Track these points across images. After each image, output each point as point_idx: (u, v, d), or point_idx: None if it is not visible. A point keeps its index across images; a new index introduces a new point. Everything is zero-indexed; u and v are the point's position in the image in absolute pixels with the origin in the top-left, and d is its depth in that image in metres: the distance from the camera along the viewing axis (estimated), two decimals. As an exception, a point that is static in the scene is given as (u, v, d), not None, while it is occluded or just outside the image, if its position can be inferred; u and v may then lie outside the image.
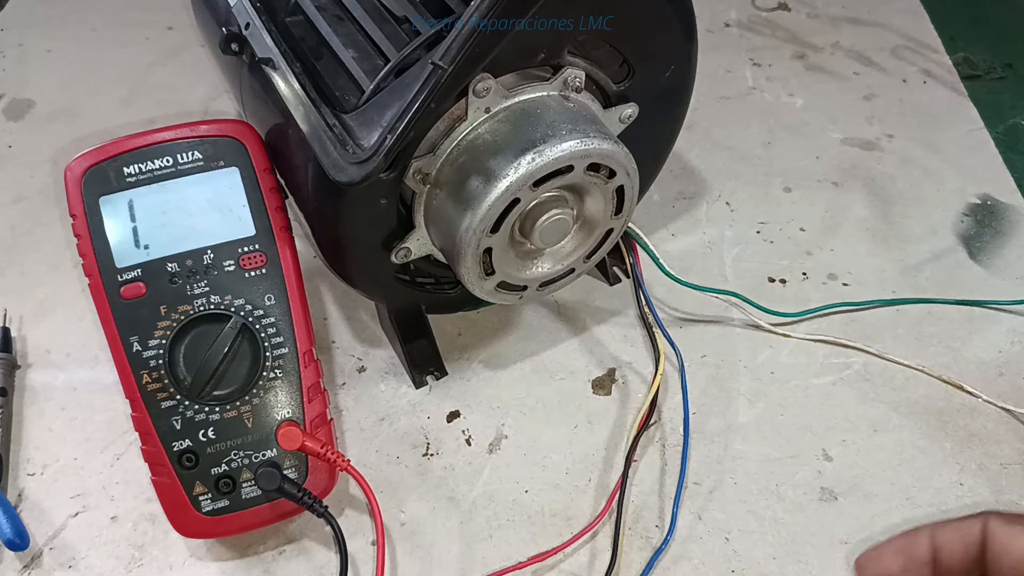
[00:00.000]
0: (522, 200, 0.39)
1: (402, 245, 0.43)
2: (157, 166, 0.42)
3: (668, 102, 0.47)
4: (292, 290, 0.43)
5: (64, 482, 0.47)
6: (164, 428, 0.41)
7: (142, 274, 0.41)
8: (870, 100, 0.71)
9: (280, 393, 0.42)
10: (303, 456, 0.42)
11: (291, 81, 0.41)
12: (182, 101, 0.71)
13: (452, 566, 0.43)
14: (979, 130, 0.68)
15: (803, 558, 0.43)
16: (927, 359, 0.52)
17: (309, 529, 0.45)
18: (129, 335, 0.41)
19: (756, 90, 0.72)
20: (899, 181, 0.64)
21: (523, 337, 0.54)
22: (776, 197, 0.63)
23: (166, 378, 0.41)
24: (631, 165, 0.42)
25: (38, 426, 0.49)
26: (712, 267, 0.58)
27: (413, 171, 0.40)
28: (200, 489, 0.41)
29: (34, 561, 0.43)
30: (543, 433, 0.49)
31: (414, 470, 0.47)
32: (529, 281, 0.45)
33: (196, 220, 0.42)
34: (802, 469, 0.47)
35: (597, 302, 0.56)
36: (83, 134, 0.68)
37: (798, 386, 0.51)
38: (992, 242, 0.59)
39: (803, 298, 0.56)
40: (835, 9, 0.81)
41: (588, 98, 0.42)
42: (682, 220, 0.61)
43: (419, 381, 0.51)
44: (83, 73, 0.73)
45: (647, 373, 0.51)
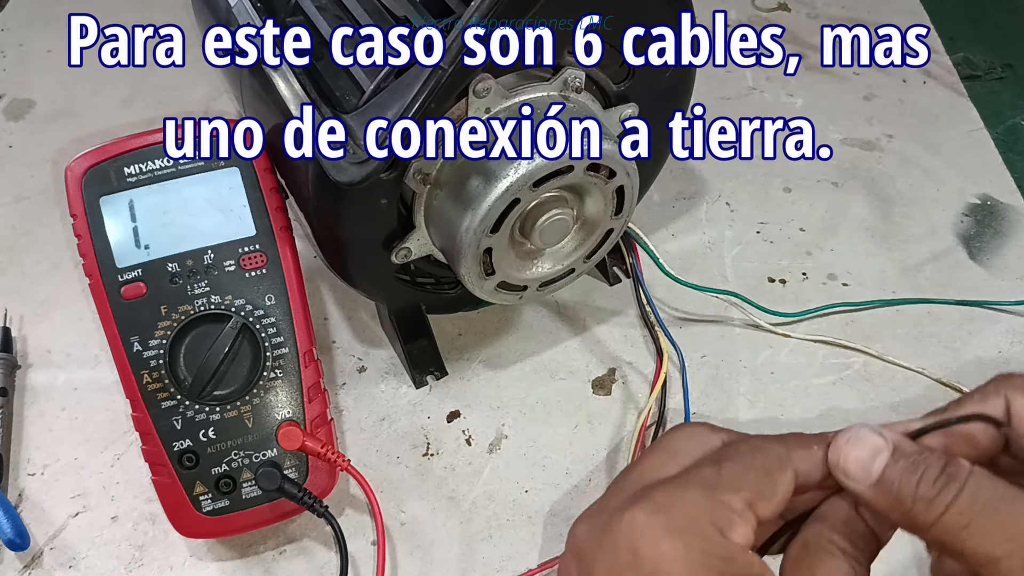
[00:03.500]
0: (522, 200, 0.39)
1: (402, 245, 0.43)
2: (157, 166, 0.42)
3: (668, 102, 0.47)
4: (292, 290, 0.43)
5: (64, 482, 0.47)
6: (164, 428, 0.41)
7: (142, 274, 0.41)
8: (870, 100, 0.71)
9: (280, 393, 0.42)
10: (303, 456, 0.42)
11: (291, 81, 0.41)
12: (182, 101, 0.71)
13: (452, 566, 0.43)
14: (979, 130, 0.68)
15: (803, 558, 0.43)
16: (927, 359, 0.52)
17: (309, 529, 0.45)
18: (129, 335, 0.41)
19: (756, 90, 0.72)
20: (899, 181, 0.64)
21: (523, 337, 0.54)
22: (776, 197, 0.63)
23: (166, 378, 0.41)
24: (631, 165, 0.42)
25: (38, 426, 0.49)
26: (712, 267, 0.58)
27: (413, 171, 0.40)
28: (200, 489, 0.41)
29: (34, 561, 0.43)
30: (543, 433, 0.49)
31: (414, 470, 0.47)
32: (529, 281, 0.45)
33: (196, 220, 0.42)
34: (802, 469, 0.47)
35: (597, 302, 0.56)
36: (83, 134, 0.68)
37: (798, 386, 0.51)
38: (992, 242, 0.59)
39: (803, 298, 0.56)
40: (835, 9, 0.81)
41: (588, 98, 0.42)
42: (682, 220, 0.61)
43: (419, 381, 0.51)
44: (83, 73, 0.73)
45: (647, 373, 0.51)
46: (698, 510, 0.26)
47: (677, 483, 0.27)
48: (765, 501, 0.26)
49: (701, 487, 0.27)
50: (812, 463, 0.27)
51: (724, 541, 0.26)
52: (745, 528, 0.26)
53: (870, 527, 0.27)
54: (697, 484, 0.27)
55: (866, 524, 0.27)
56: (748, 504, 0.26)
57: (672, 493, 0.27)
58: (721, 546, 0.26)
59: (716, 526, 0.26)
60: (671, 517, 0.26)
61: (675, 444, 0.29)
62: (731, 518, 0.26)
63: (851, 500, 0.27)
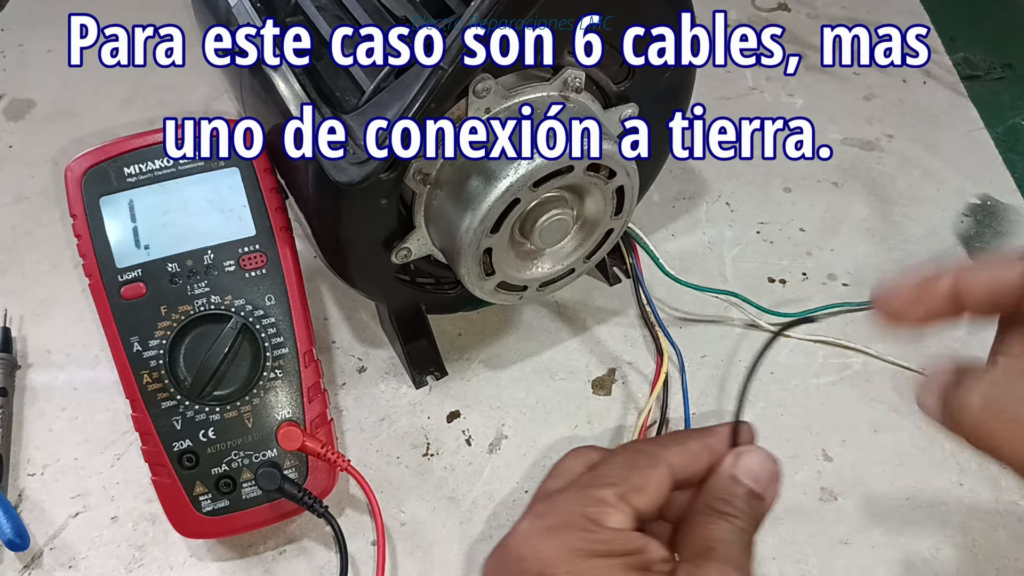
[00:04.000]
0: (522, 200, 0.39)
1: (402, 245, 0.43)
2: (157, 166, 0.42)
3: (668, 102, 0.47)
4: (292, 290, 0.43)
5: (64, 482, 0.47)
6: (164, 428, 0.41)
7: (142, 274, 0.41)
8: (870, 100, 0.71)
9: (280, 393, 0.42)
10: (303, 456, 0.42)
11: (291, 81, 0.41)
12: (182, 101, 0.71)
13: (452, 566, 0.43)
14: (979, 130, 0.68)
15: (803, 558, 0.43)
16: (927, 359, 0.52)
17: (309, 529, 0.45)
18: (129, 335, 0.41)
19: (756, 90, 0.72)
20: (899, 181, 0.64)
21: (523, 337, 0.54)
22: (776, 197, 0.63)
23: (166, 378, 0.41)
24: (631, 165, 0.42)
25: (38, 426, 0.49)
26: (712, 267, 0.58)
27: (413, 171, 0.40)
28: (200, 489, 0.41)
29: (34, 561, 0.43)
30: (543, 433, 0.49)
31: (414, 470, 0.47)
32: (529, 281, 0.45)
33: (196, 220, 0.42)
34: (802, 469, 0.47)
35: (597, 302, 0.56)
36: (83, 134, 0.68)
37: (798, 386, 0.51)
38: (992, 242, 0.59)
39: (803, 298, 0.56)
40: (835, 9, 0.81)
41: (588, 98, 0.42)
42: (682, 220, 0.61)
43: (419, 381, 0.51)
44: (83, 73, 0.73)
45: (648, 373, 0.51)
46: (573, 507, 0.29)
47: (557, 491, 0.31)
48: (638, 493, 0.30)
49: (575, 489, 0.30)
50: (689, 457, 0.31)
51: (600, 528, 0.29)
52: (620, 516, 0.29)
53: (754, 492, 0.31)
54: (572, 488, 0.31)
55: (748, 491, 0.31)
56: (620, 496, 0.29)
57: (550, 500, 0.30)
58: (597, 532, 0.28)
59: (590, 518, 0.29)
60: (549, 519, 0.29)
61: (564, 465, 0.33)
62: (604, 509, 0.29)
63: (729, 475, 0.31)
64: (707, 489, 0.31)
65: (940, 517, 0.45)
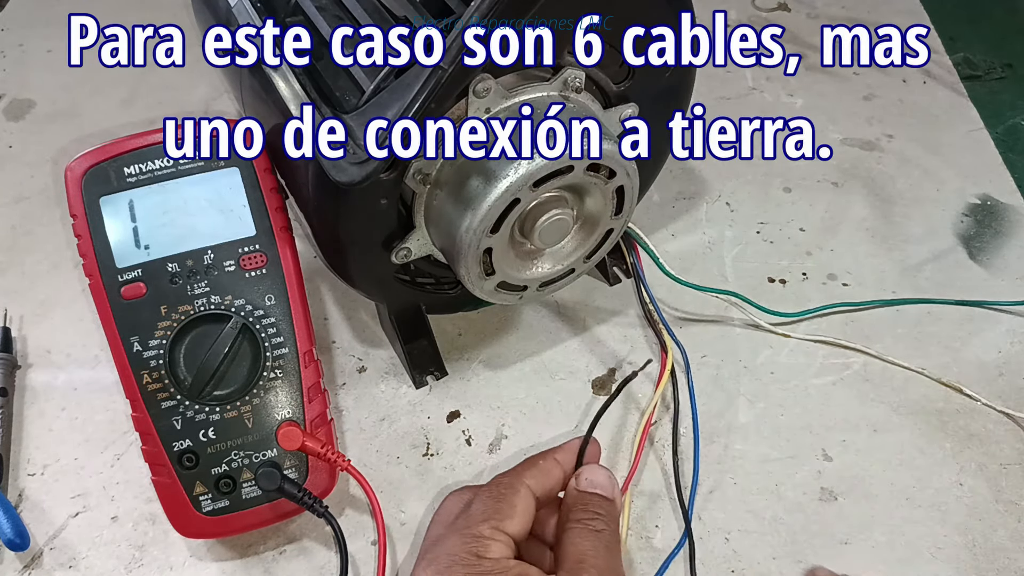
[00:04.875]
0: (522, 200, 0.39)
1: (402, 245, 0.43)
2: (157, 166, 0.42)
3: (668, 102, 0.47)
4: (292, 290, 0.43)
5: (64, 482, 0.47)
6: (164, 428, 0.41)
7: (142, 274, 0.41)
8: (870, 100, 0.71)
9: (280, 393, 0.42)
10: (303, 456, 0.42)
11: (291, 81, 0.41)
12: (182, 101, 0.71)
13: (452, 566, 0.43)
14: (979, 130, 0.68)
15: (803, 558, 0.43)
16: (927, 359, 0.52)
17: (309, 529, 0.45)
18: (129, 335, 0.41)
19: (756, 90, 0.72)
20: (899, 181, 0.64)
21: (523, 337, 0.54)
22: (776, 197, 0.63)
23: (166, 378, 0.41)
24: (631, 165, 0.42)
25: (38, 426, 0.49)
26: (712, 267, 0.58)
27: (413, 171, 0.40)
28: (200, 489, 0.41)
29: (34, 561, 0.43)
30: (543, 433, 0.49)
31: (414, 470, 0.47)
32: (529, 281, 0.45)
33: (196, 220, 0.42)
34: (802, 469, 0.47)
35: (597, 302, 0.56)
36: (83, 134, 0.68)
37: (798, 386, 0.51)
38: (992, 242, 0.59)
39: (803, 298, 0.56)
40: (835, 9, 0.81)
41: (588, 98, 0.42)
42: (682, 220, 0.61)
43: (419, 381, 0.51)
44: (83, 73, 0.73)
45: (648, 372, 0.51)
46: (456, 548, 0.34)
47: (441, 537, 0.35)
48: (508, 520, 0.35)
49: (455, 531, 0.35)
50: (543, 474, 0.37)
51: (481, 560, 0.33)
52: (498, 545, 0.34)
53: (603, 496, 0.37)
54: (452, 531, 0.35)
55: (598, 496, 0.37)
56: (494, 528, 0.34)
57: (436, 545, 0.35)
58: (480, 565, 0.33)
59: (473, 553, 0.33)
60: (437, 563, 0.34)
61: (442, 512, 0.38)
62: (483, 543, 0.34)
63: (579, 490, 0.37)
64: (564, 507, 0.37)
65: (940, 517, 0.45)
